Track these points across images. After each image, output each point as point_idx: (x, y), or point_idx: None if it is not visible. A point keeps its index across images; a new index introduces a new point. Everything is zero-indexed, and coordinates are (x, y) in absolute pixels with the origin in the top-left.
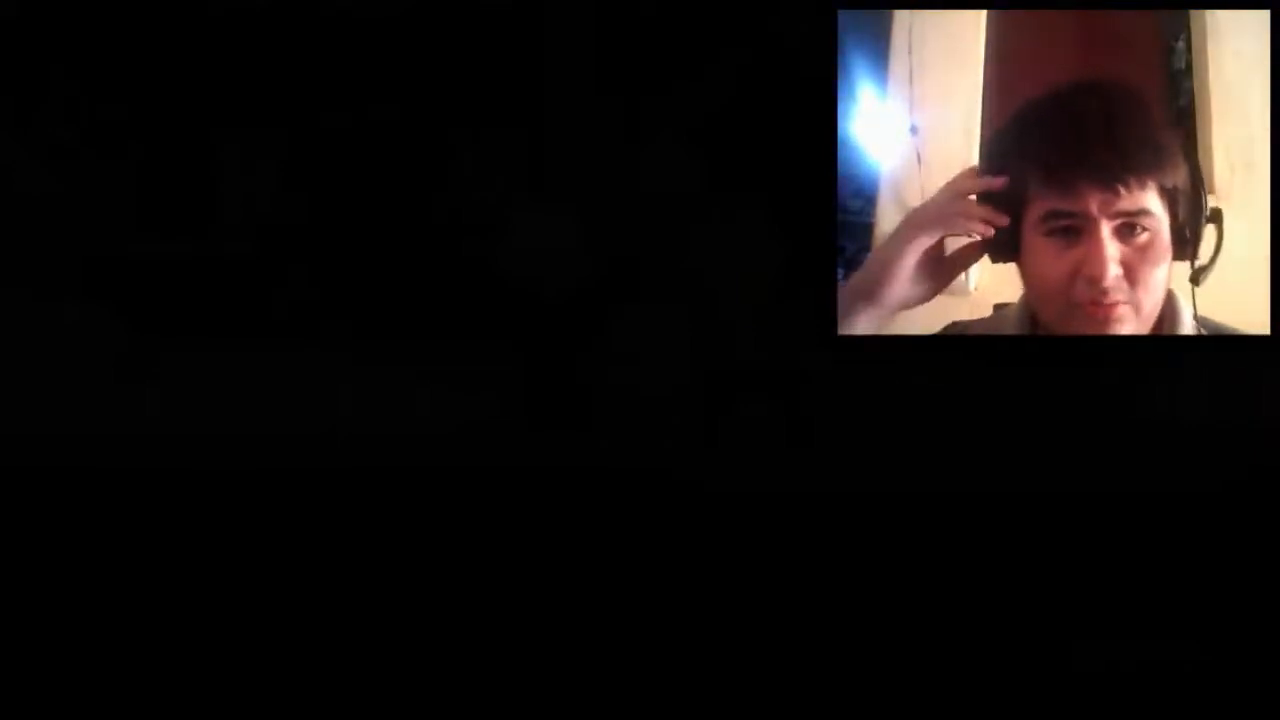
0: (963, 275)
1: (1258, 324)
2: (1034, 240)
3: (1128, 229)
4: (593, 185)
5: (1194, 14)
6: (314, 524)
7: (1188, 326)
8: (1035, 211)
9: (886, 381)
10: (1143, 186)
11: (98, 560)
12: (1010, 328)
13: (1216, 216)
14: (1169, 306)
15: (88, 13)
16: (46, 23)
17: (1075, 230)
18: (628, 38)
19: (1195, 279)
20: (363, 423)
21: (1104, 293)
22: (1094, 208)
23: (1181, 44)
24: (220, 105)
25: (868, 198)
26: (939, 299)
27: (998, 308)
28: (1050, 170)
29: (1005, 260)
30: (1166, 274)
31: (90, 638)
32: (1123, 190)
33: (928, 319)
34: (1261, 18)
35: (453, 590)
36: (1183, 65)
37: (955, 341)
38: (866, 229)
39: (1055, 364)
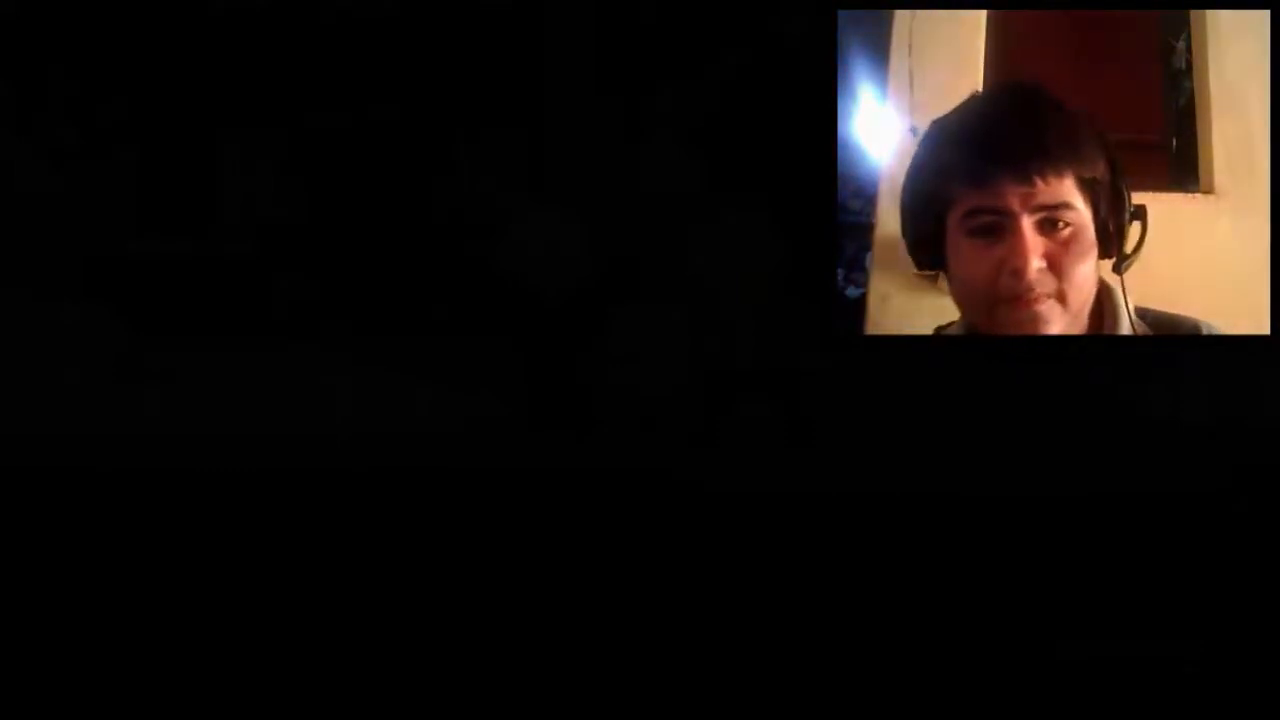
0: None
1: (1256, 325)
2: (958, 242)
3: (1049, 224)
4: (593, 185)
5: (1194, 14)
6: (314, 524)
7: (1124, 320)
8: (958, 212)
9: (886, 381)
10: (1060, 177)
11: (98, 560)
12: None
13: (1140, 214)
14: (1106, 300)
15: (88, 13)
16: (46, 23)
17: (997, 228)
18: (628, 38)
19: (1117, 268)
20: (363, 422)
21: (1028, 287)
22: (1014, 203)
23: (1181, 44)
24: (220, 105)
25: (868, 198)
26: (938, 299)
27: (940, 329)
28: (969, 168)
29: (930, 269)
30: (1092, 269)
31: (90, 638)
32: (1040, 183)
33: (925, 320)
34: (1261, 18)
35: (453, 590)
36: (1183, 65)
37: (955, 341)
38: (866, 229)
39: (1055, 364)
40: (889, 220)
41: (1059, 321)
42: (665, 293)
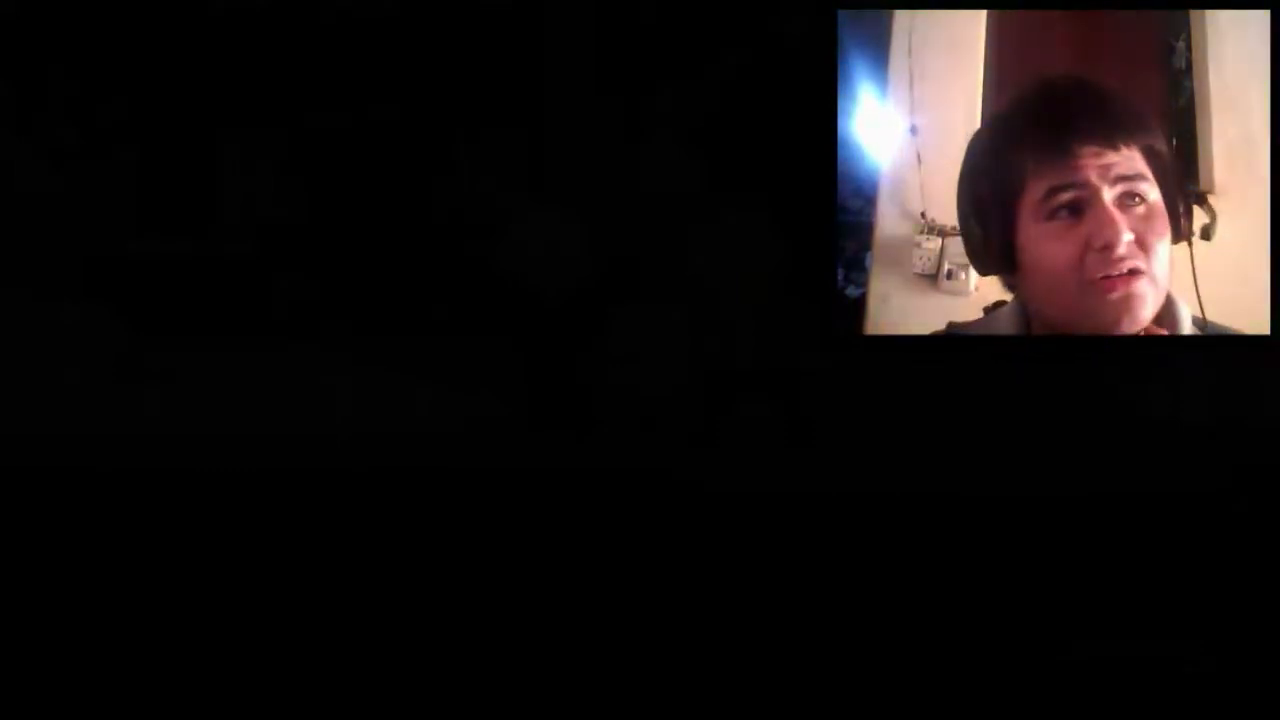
0: (963, 275)
1: (1257, 325)
2: (1034, 230)
3: (1127, 198)
4: (593, 185)
5: (1194, 14)
6: (314, 524)
7: (1185, 323)
8: (1033, 195)
9: (886, 381)
10: (1133, 144)
11: (98, 560)
12: (1003, 328)
13: (1202, 199)
14: (1165, 305)
15: (88, 13)
16: (46, 23)
17: (1078, 206)
18: (628, 38)
19: (1205, 234)
20: (363, 422)
21: (1119, 260)
22: (1093, 175)
23: (1181, 44)
24: (220, 105)
25: (868, 198)
26: (938, 299)
27: (988, 309)
28: (1045, 142)
29: (995, 271)
30: (1169, 252)
31: (90, 638)
32: (1123, 149)
33: (925, 320)
34: (1261, 18)
35: (453, 590)
36: (1183, 65)
37: (955, 341)
38: (866, 229)
39: (1055, 364)
40: (889, 220)
41: (1151, 303)
42: (665, 293)
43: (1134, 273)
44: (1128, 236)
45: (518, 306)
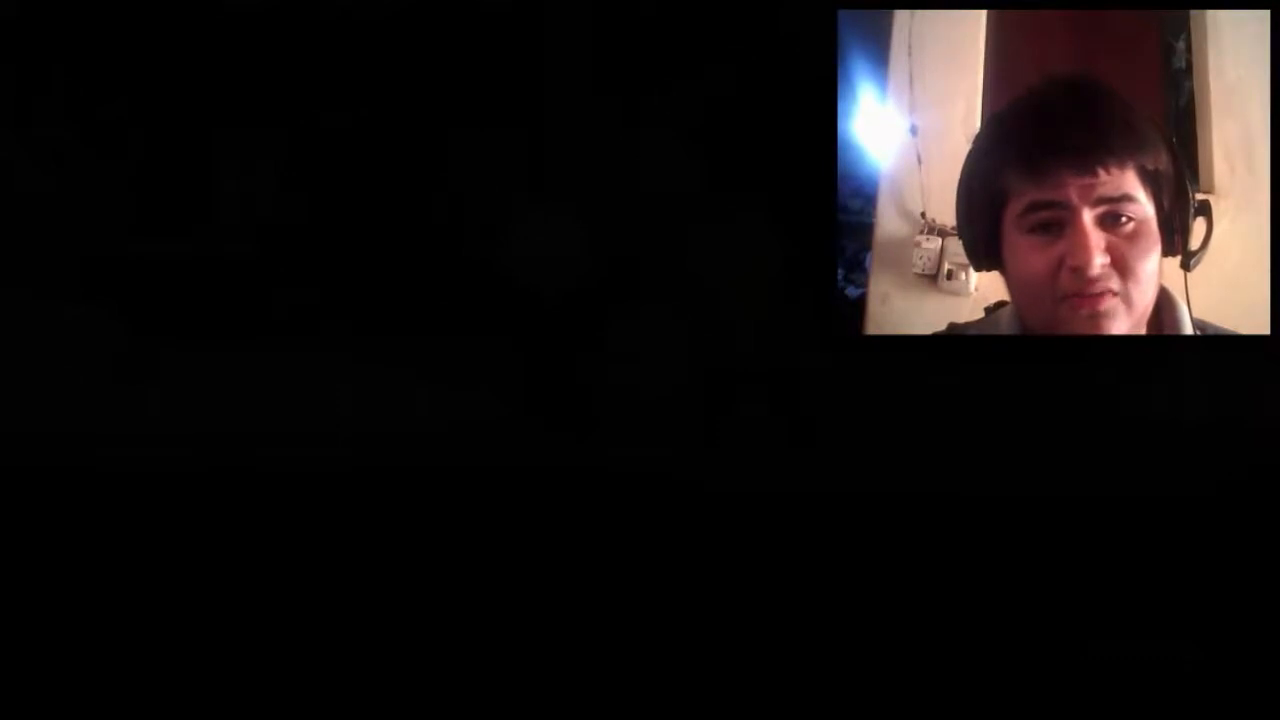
0: (963, 275)
1: (1257, 325)
2: (1015, 240)
3: (1111, 218)
4: (593, 185)
5: (1194, 14)
6: (314, 524)
7: (1186, 327)
8: (1015, 207)
9: (886, 381)
10: (1123, 168)
11: (98, 560)
12: (1003, 329)
13: (1205, 209)
14: (1166, 306)
15: (88, 13)
16: (46, 23)
17: (1057, 224)
18: (628, 38)
19: (1186, 264)
20: (363, 422)
21: (1090, 282)
22: (1074, 195)
23: (1181, 44)
24: (220, 105)
25: (868, 198)
26: (938, 299)
27: (989, 309)
28: (1027, 159)
29: (988, 269)
30: (1156, 266)
31: (90, 638)
32: (1102, 173)
33: (925, 320)
34: (1261, 18)
35: (453, 590)
36: (1183, 65)
37: (956, 341)
38: (866, 229)
39: (1056, 364)
40: (889, 220)
41: (1123, 321)
42: (665, 293)
43: (1107, 294)
44: (1102, 260)
45: (518, 306)
